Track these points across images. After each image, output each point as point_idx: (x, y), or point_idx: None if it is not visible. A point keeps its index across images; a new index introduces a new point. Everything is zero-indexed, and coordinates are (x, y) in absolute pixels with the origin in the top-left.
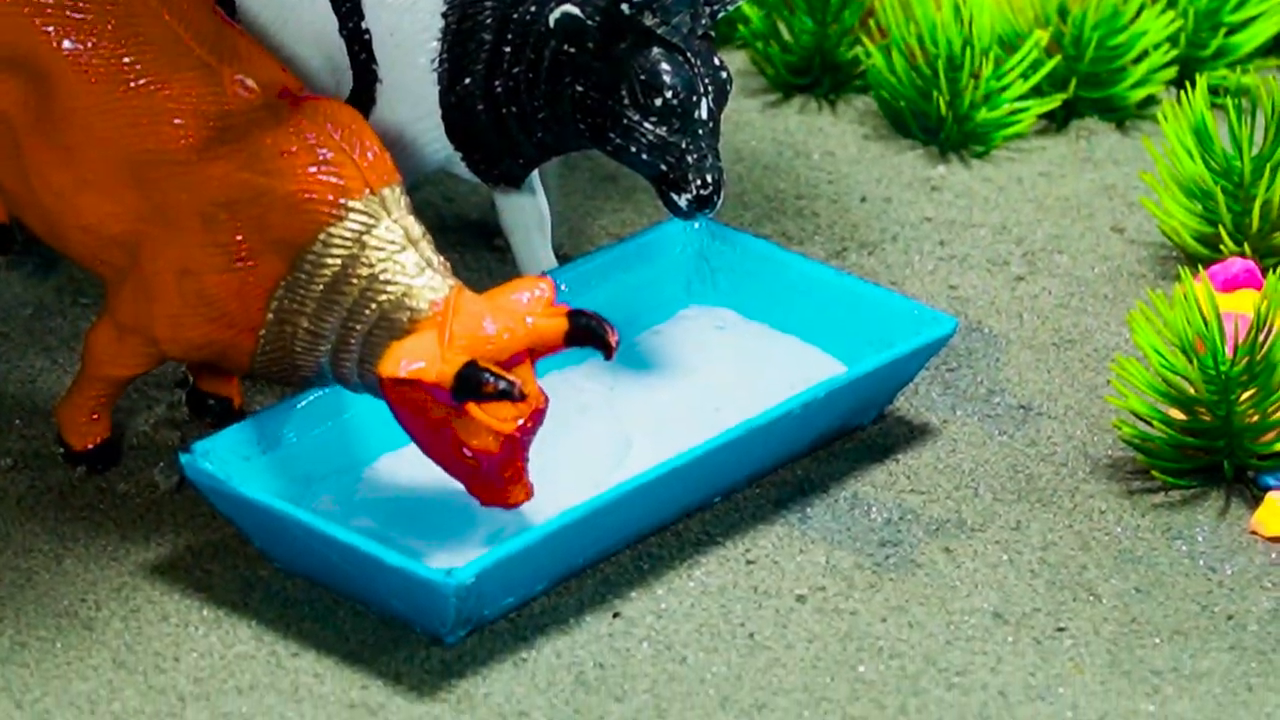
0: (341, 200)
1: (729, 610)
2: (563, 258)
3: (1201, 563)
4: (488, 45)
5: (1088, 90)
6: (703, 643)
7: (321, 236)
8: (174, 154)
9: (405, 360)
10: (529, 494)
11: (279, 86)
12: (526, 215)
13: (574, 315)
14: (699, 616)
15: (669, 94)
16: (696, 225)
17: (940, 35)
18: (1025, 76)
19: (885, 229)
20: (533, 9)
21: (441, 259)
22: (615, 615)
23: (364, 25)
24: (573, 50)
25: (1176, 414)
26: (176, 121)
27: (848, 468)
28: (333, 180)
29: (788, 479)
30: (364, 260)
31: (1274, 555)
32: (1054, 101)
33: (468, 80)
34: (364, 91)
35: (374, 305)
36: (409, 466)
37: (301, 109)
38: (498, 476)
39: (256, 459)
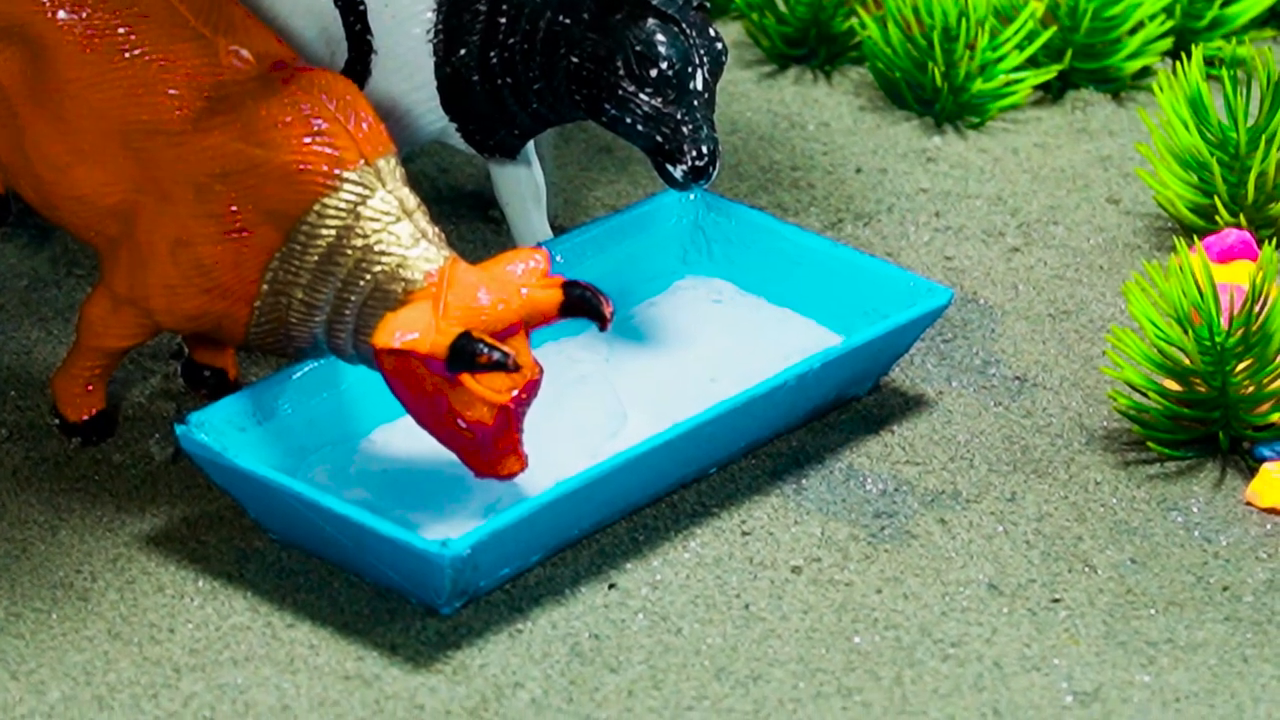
0: (336, 171)
1: (724, 581)
2: (558, 229)
3: (1197, 534)
4: (483, 16)
5: (1083, 61)
6: (698, 614)
7: (316, 207)
8: (169, 125)
9: (400, 331)
10: (523, 465)
11: (274, 58)
12: (522, 186)
13: (569, 286)
14: (694, 588)
15: (664, 65)
16: (692, 196)
17: (936, 6)
18: (1021, 48)
19: (881, 200)
20: None
21: (436, 230)
22: (611, 586)
23: None
24: (568, 21)
25: (1172, 385)
26: (171, 93)
27: (843, 439)
28: (327, 151)
29: (783, 450)
30: (359, 231)
31: (1269, 526)
32: (1049, 73)
33: (463, 51)
34: (359, 62)
35: (369, 276)
36: (404, 438)
37: (297, 80)
38: (492, 447)
39: (252, 430)
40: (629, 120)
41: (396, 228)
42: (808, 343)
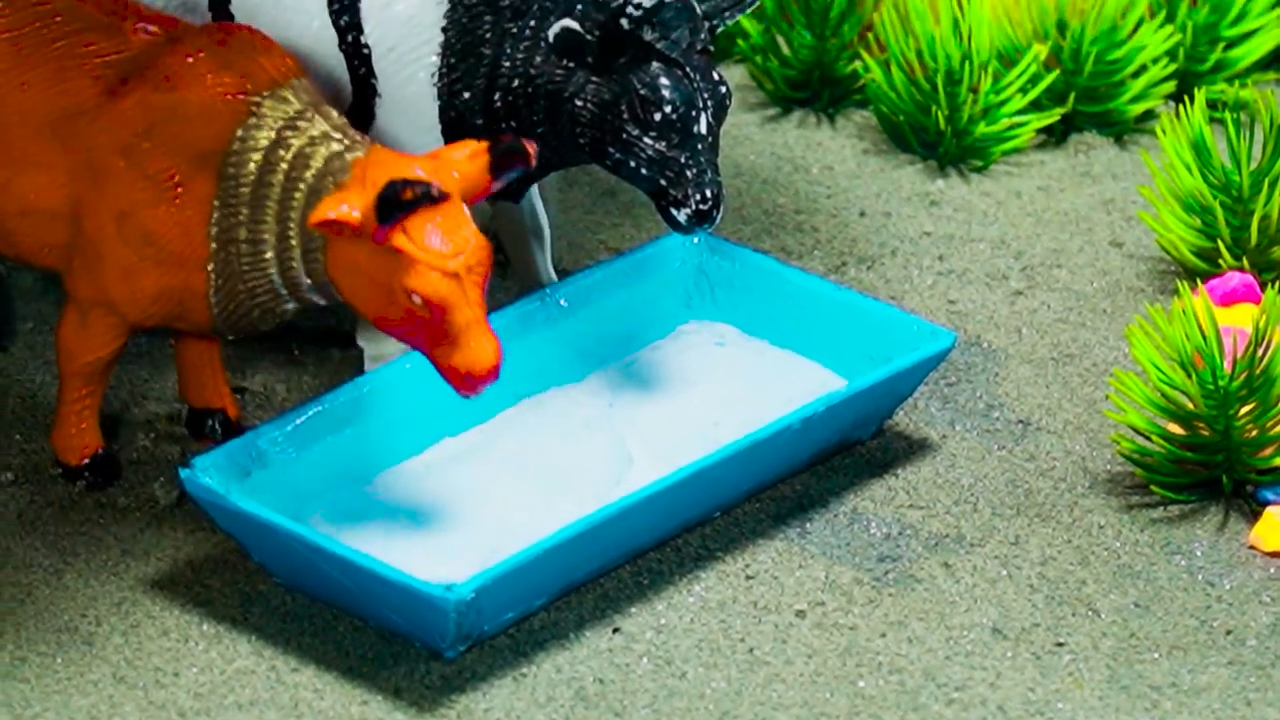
0: (250, 97)
1: (729, 625)
2: (562, 272)
3: (1200, 578)
4: (487, 60)
5: (1086, 104)
6: (702, 658)
7: (239, 133)
8: (87, 102)
9: (330, 206)
10: (497, 352)
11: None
12: (526, 229)
13: (491, 146)
14: (699, 632)
15: (668, 109)
16: (695, 240)
17: (939, 49)
18: (1024, 91)
19: (884, 243)
20: (532, 24)
21: (358, 133)
22: (615, 630)
23: (363, 40)
24: (572, 65)
25: (1175, 429)
26: (87, 72)
27: (847, 483)
28: (238, 79)
29: (787, 494)
30: (282, 146)
31: (1272, 570)
32: (1053, 116)
33: (467, 95)
34: (363, 105)
35: (301, 186)
36: (408, 483)
37: (196, 29)
38: (457, 328)
39: (256, 474)
40: (633, 164)
41: (316, 134)
42: (811, 386)
